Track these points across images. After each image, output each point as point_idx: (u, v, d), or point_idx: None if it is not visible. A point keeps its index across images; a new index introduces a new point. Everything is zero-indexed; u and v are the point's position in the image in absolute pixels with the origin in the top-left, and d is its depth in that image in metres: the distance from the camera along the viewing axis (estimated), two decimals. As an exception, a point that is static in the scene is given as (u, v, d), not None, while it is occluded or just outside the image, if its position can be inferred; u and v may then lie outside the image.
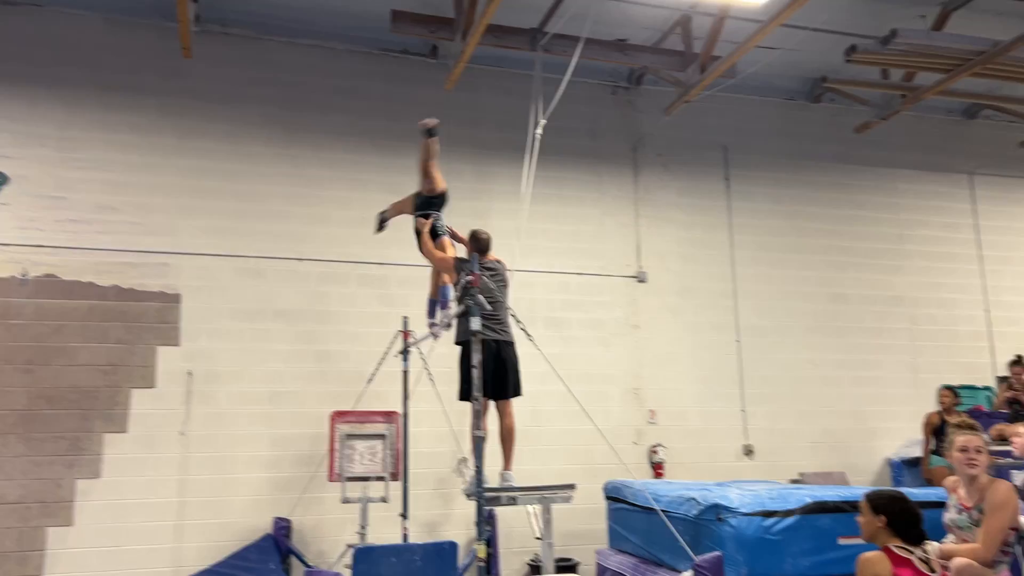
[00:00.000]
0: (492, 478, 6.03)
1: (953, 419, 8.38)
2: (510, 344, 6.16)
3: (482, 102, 8.91)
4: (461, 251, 6.81)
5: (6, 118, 7.52)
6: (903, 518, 3.85)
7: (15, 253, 7.33)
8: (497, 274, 6.24)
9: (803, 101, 10.18)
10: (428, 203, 6.68)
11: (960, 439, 4.41)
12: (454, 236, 6.92)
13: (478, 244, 6.22)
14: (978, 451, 4.35)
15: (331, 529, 7.60)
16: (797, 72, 9.76)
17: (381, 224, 7.21)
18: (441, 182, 6.67)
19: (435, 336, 6.72)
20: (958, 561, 4.04)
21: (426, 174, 6.61)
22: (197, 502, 7.36)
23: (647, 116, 9.48)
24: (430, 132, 6.45)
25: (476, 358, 5.29)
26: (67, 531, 7.03)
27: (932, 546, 3.89)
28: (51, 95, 7.68)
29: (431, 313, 6.85)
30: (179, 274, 7.73)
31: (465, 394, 6.08)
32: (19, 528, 6.92)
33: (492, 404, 6.12)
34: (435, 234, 6.53)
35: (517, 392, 6.20)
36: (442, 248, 6.49)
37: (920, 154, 10.50)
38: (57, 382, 7.23)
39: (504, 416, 6.15)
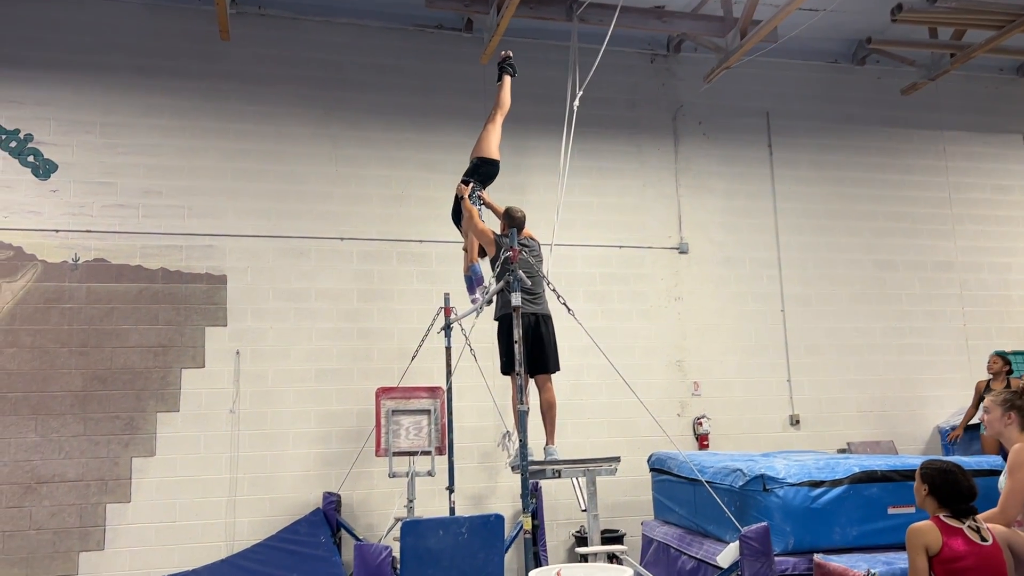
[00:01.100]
0: (536, 451, 6.08)
1: (998, 385, 8.28)
2: (548, 318, 6.17)
3: (519, 75, 8.83)
4: (494, 224, 6.83)
5: (52, 106, 7.67)
6: (945, 489, 3.83)
7: (66, 239, 7.51)
8: (533, 250, 6.26)
9: (847, 64, 9.93)
10: (475, 170, 6.79)
11: None
12: (489, 206, 6.95)
13: (513, 221, 6.22)
14: (986, 411, 4.46)
15: (379, 503, 7.73)
16: (840, 34, 9.52)
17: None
18: (495, 151, 6.82)
19: (478, 312, 6.75)
20: (992, 527, 4.00)
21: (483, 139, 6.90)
22: (248, 478, 7.53)
23: (687, 84, 9.34)
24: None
25: (517, 333, 5.31)
26: (125, 507, 7.25)
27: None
28: (95, 82, 7.81)
29: (471, 290, 6.89)
30: (224, 256, 7.85)
31: (507, 369, 6.11)
32: (80, 505, 7.16)
33: (546, 379, 6.16)
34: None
35: (556, 367, 6.22)
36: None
37: (970, 115, 10.20)
38: (111, 363, 7.43)
39: (543, 391, 6.18)
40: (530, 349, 5.94)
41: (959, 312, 9.68)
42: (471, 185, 6.71)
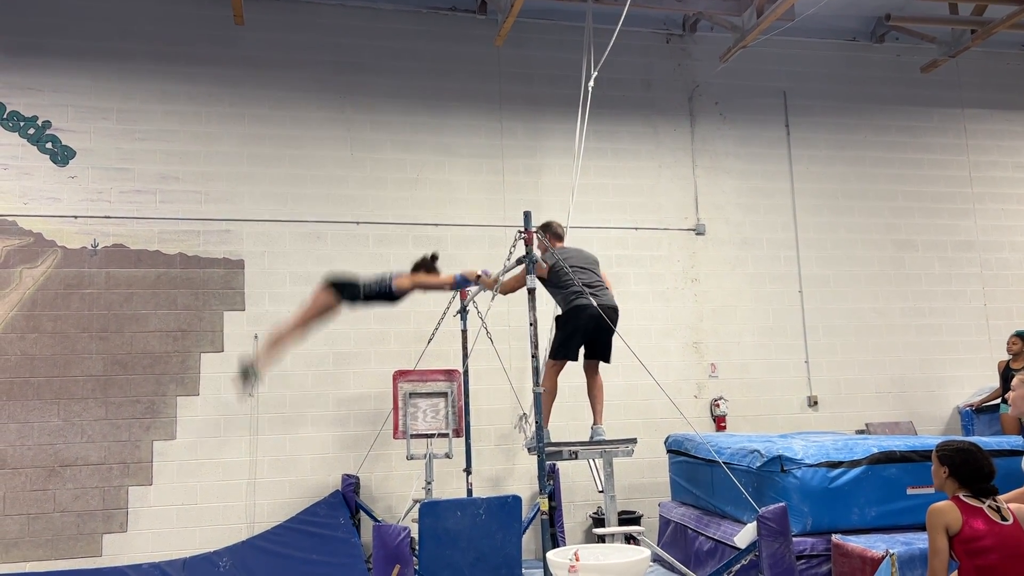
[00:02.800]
0: (556, 434, 6.10)
1: (1018, 365, 8.23)
2: (613, 310, 6.09)
3: (533, 57, 8.81)
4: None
5: (70, 93, 7.71)
6: (965, 469, 3.81)
7: (85, 224, 7.57)
8: (582, 252, 6.30)
9: (865, 41, 9.81)
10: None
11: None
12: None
13: (555, 233, 6.36)
14: (1013, 389, 4.48)
15: (398, 485, 7.78)
16: (858, 11, 9.39)
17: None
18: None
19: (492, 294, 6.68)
20: (1012, 507, 3.98)
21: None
22: (268, 461, 7.60)
23: (703, 64, 9.25)
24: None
25: (532, 316, 5.31)
26: (147, 490, 7.33)
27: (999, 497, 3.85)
28: (111, 69, 7.84)
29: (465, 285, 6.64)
30: (241, 240, 7.89)
31: (556, 354, 6.10)
32: (103, 488, 7.25)
33: (566, 364, 6.18)
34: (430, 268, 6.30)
35: (609, 357, 6.24)
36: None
37: (991, 92, 10.06)
38: (131, 348, 7.50)
39: (595, 375, 6.21)
40: (594, 337, 5.98)
41: (980, 292, 9.59)
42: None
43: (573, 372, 6.35)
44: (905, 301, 9.37)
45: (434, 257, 6.34)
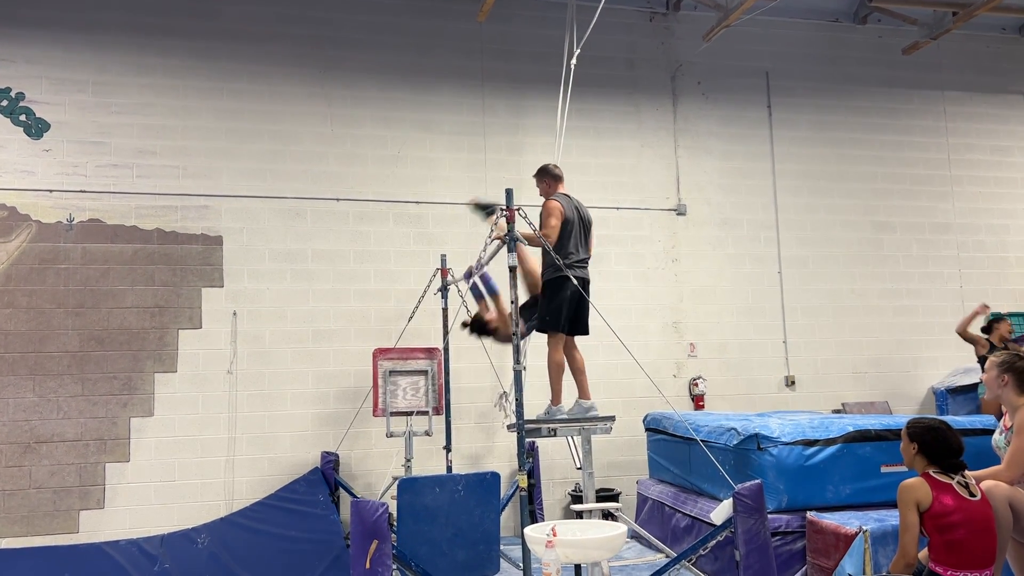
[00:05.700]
0: (532, 412, 6.10)
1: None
2: (588, 282, 6.10)
3: (515, 33, 8.75)
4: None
5: (44, 64, 7.57)
6: (935, 446, 3.87)
7: (60, 199, 7.47)
8: (580, 211, 6.21)
9: (848, 22, 9.81)
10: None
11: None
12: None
13: (554, 175, 6.28)
14: (985, 371, 4.47)
15: (377, 462, 7.79)
16: (842, -8, 9.40)
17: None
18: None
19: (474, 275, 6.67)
20: (985, 484, 4.04)
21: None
22: (247, 438, 7.58)
23: (686, 43, 9.23)
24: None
25: (513, 293, 5.30)
26: (124, 467, 7.30)
27: (968, 473, 3.90)
28: (86, 40, 7.70)
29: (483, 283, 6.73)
30: (219, 216, 7.81)
31: (543, 327, 6.07)
32: (79, 464, 7.21)
33: (539, 336, 6.18)
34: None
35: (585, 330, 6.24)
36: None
37: (971, 75, 10.11)
38: (107, 324, 7.43)
39: (576, 350, 6.20)
40: (576, 311, 5.95)
41: (956, 274, 9.68)
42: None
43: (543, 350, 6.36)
44: (882, 282, 9.45)
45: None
